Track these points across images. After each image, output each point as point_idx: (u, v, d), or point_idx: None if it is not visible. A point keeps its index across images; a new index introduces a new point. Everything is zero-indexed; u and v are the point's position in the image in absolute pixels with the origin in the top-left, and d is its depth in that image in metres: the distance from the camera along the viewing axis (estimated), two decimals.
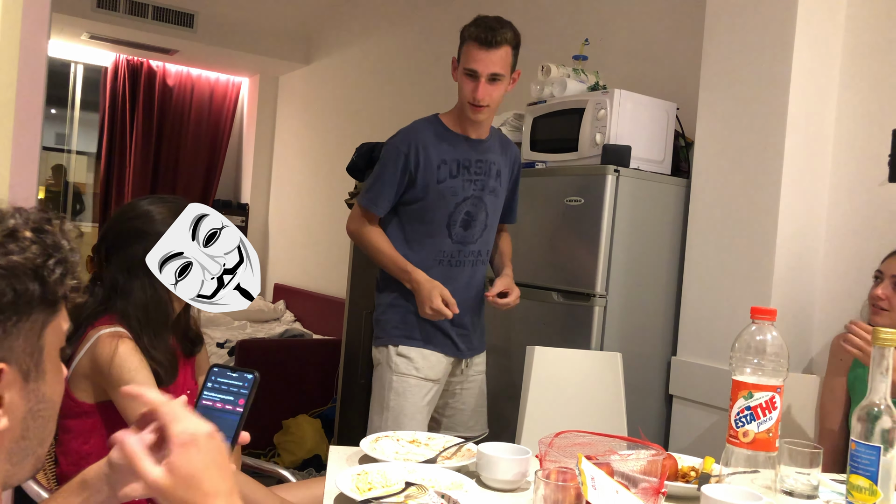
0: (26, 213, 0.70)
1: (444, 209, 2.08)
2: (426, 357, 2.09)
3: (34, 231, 0.69)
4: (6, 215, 0.68)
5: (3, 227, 0.67)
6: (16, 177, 1.58)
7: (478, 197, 2.12)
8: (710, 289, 2.32)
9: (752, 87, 2.24)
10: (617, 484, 1.12)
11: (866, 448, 1.25)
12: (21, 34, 1.54)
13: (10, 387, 0.65)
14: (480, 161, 2.12)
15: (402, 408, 2.05)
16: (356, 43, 5.33)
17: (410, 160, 2.05)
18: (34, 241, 0.68)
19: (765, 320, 1.37)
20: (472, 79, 1.99)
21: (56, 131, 6.33)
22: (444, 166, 2.07)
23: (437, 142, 2.08)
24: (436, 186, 2.06)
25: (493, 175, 2.15)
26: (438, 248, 2.10)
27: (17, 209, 0.70)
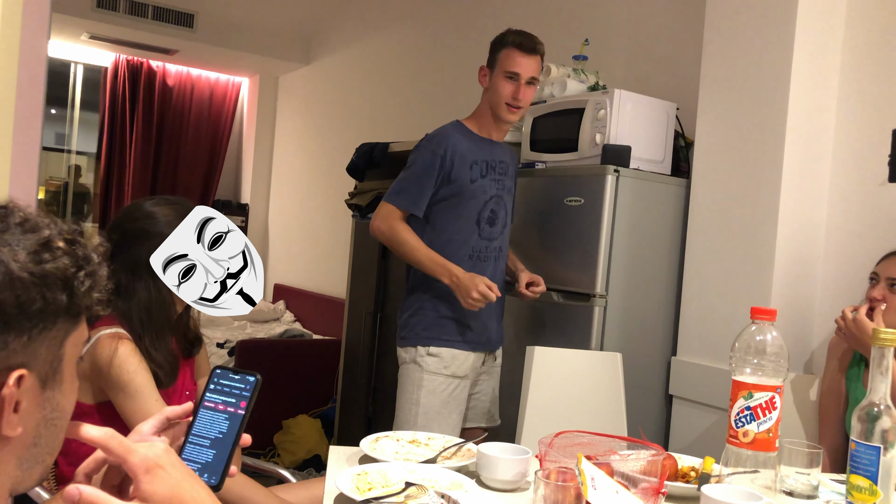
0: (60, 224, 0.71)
1: (476, 207, 2.21)
2: (455, 356, 2.19)
3: (67, 242, 0.70)
4: (41, 225, 0.69)
5: (38, 237, 0.67)
6: (16, 177, 1.58)
7: (499, 196, 2.27)
8: (710, 289, 2.32)
9: (752, 87, 2.24)
10: (617, 484, 1.12)
11: (866, 448, 1.25)
12: (21, 34, 1.54)
13: (28, 393, 0.65)
14: (502, 162, 2.29)
15: (431, 404, 2.15)
16: (356, 43, 5.32)
17: (447, 161, 2.17)
18: (66, 251, 0.69)
19: (765, 320, 1.37)
20: (512, 81, 2.17)
21: (56, 131, 6.33)
22: (475, 167, 2.21)
23: (468, 144, 2.22)
24: (469, 185, 2.19)
25: (510, 175, 2.33)
26: (468, 244, 2.21)
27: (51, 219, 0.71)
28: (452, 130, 2.25)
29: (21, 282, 0.64)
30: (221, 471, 0.89)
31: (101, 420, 1.43)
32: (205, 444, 0.91)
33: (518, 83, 2.17)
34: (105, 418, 1.42)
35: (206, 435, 0.91)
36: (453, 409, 2.19)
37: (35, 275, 0.65)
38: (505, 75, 2.18)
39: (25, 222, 0.68)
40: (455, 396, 2.19)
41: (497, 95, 2.19)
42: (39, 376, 0.67)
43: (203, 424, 0.92)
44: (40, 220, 0.70)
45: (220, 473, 0.89)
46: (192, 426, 0.92)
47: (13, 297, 0.63)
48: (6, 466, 0.66)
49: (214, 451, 0.90)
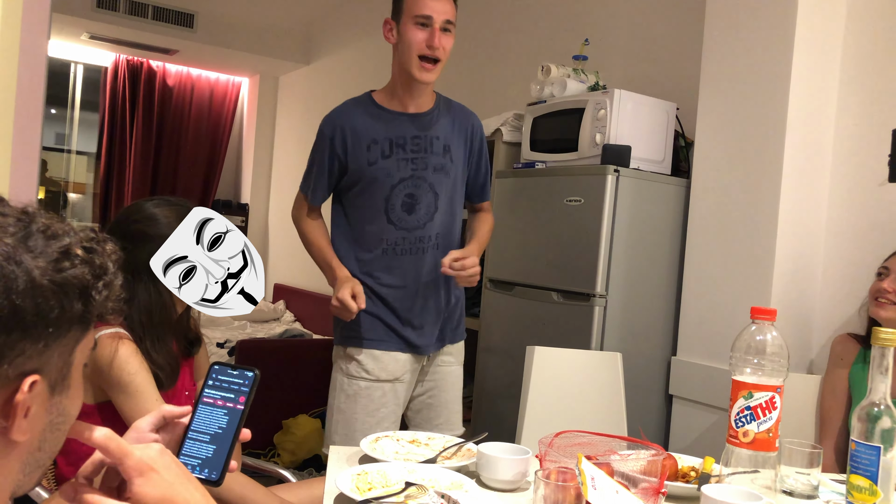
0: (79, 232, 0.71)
1: (380, 193, 1.94)
2: (376, 358, 1.95)
3: (85, 250, 0.70)
4: (61, 233, 0.69)
5: (58, 245, 0.67)
6: (16, 177, 1.58)
7: (419, 177, 1.95)
8: (710, 289, 2.32)
9: (752, 87, 2.24)
10: (617, 484, 1.12)
11: (866, 448, 1.25)
12: (21, 34, 1.54)
13: (38, 399, 0.65)
14: (418, 137, 1.96)
15: (353, 411, 1.94)
16: (356, 43, 5.32)
17: (336, 144, 1.95)
18: (85, 260, 0.69)
19: (765, 320, 1.37)
20: (423, 27, 1.87)
21: (56, 131, 6.33)
22: (374, 146, 1.93)
23: (367, 121, 1.95)
24: (367, 169, 1.93)
25: (438, 151, 1.98)
26: (379, 236, 1.96)
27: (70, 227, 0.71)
28: (351, 106, 1.99)
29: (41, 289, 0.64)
30: (222, 466, 0.90)
31: (101, 420, 1.43)
32: (204, 439, 0.92)
33: (431, 28, 1.85)
34: (106, 418, 1.42)
35: (205, 431, 0.92)
36: (383, 417, 1.94)
37: (55, 283, 0.66)
38: (414, 22, 1.87)
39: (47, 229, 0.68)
40: (384, 404, 1.94)
41: (407, 47, 1.88)
42: (49, 382, 0.68)
43: (202, 420, 0.93)
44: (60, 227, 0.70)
45: (220, 468, 0.90)
46: (192, 422, 0.93)
47: (33, 305, 0.64)
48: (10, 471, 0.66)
49: (214, 446, 0.91)
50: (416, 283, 1.99)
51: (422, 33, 1.87)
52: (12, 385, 0.63)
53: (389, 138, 1.95)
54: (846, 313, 2.19)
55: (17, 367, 0.63)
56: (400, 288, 1.98)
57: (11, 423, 0.63)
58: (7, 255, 0.62)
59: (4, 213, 0.65)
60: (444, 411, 2.08)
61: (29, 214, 0.68)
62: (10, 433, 0.64)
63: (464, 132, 2.06)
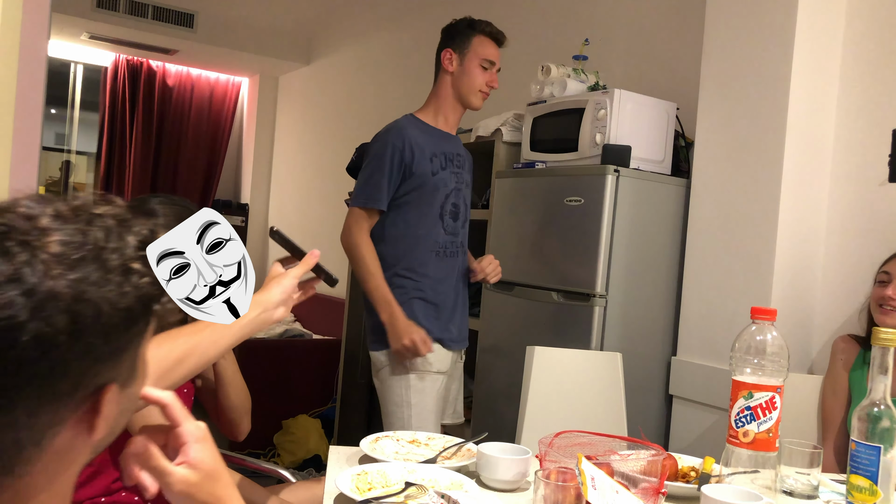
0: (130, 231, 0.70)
1: (437, 201, 2.18)
2: (437, 351, 2.16)
3: (142, 261, 0.69)
4: (120, 246, 0.67)
5: (120, 263, 0.66)
6: (16, 177, 1.58)
7: (458, 189, 2.25)
8: (710, 289, 2.32)
9: (752, 87, 2.24)
10: (617, 484, 1.12)
11: (866, 448, 1.25)
12: (21, 34, 1.54)
13: (112, 400, 0.67)
14: (459, 155, 2.28)
15: (424, 403, 2.11)
16: (356, 43, 5.33)
17: (405, 154, 2.13)
18: (145, 273, 0.68)
19: (765, 320, 1.37)
20: (486, 70, 2.22)
21: (56, 131, 6.33)
22: (435, 159, 2.18)
23: (425, 136, 2.19)
24: (431, 178, 2.16)
25: (467, 169, 2.32)
26: (434, 240, 2.18)
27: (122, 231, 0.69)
28: (408, 123, 2.22)
29: (110, 320, 0.64)
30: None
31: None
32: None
33: (492, 72, 2.23)
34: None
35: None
36: (443, 407, 2.19)
37: (121, 309, 0.65)
38: (480, 62, 2.21)
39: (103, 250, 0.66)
40: (442, 395, 2.18)
41: (471, 81, 2.22)
42: (121, 383, 0.69)
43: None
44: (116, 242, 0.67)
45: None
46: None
47: (103, 336, 0.64)
48: (82, 457, 0.69)
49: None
50: (456, 283, 2.25)
51: (486, 75, 2.23)
52: (91, 398, 0.65)
53: (444, 153, 2.22)
54: (846, 313, 2.19)
55: (92, 385, 0.65)
56: (447, 285, 2.22)
57: (92, 427, 0.66)
58: (75, 296, 0.60)
59: (72, 241, 0.62)
60: (453, 403, 2.33)
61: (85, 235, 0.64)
62: (91, 435, 0.66)
63: (468, 156, 2.37)
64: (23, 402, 0.59)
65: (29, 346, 0.58)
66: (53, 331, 0.59)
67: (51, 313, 0.58)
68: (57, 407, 0.62)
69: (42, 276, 0.59)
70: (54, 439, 0.63)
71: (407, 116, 2.26)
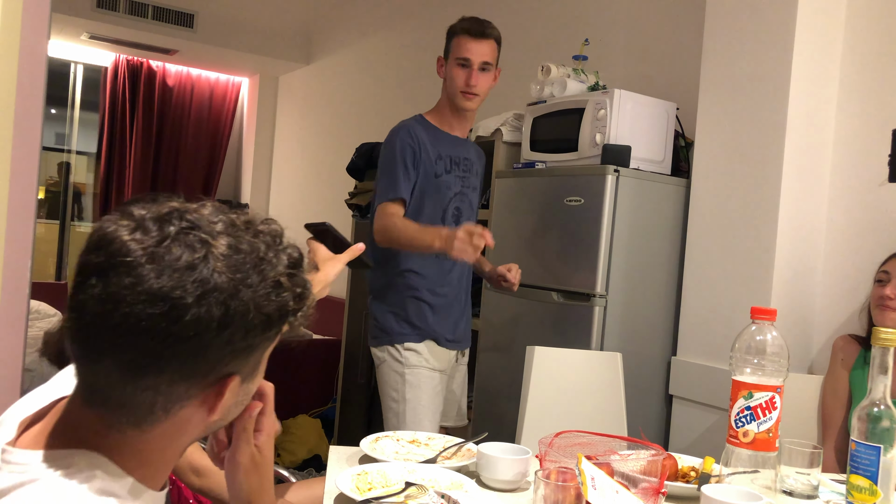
0: (283, 249, 0.79)
1: (440, 204, 2.18)
2: (432, 349, 2.17)
3: (289, 277, 0.78)
4: (275, 261, 0.76)
5: (273, 274, 0.75)
6: (16, 177, 1.58)
7: (464, 193, 2.24)
8: (710, 289, 2.32)
9: (752, 87, 2.24)
10: (617, 484, 1.12)
11: (866, 448, 1.25)
12: (21, 34, 1.54)
13: (232, 390, 0.76)
14: (467, 159, 2.26)
15: (418, 399, 2.11)
16: (356, 43, 5.33)
17: (417, 152, 2.14)
18: (289, 288, 0.77)
19: (765, 320, 1.37)
20: (464, 68, 2.14)
21: (56, 131, 6.33)
22: (440, 161, 2.17)
23: (431, 138, 2.19)
24: (434, 180, 2.15)
25: (474, 173, 2.29)
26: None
27: (278, 248, 0.79)
28: (416, 123, 2.21)
29: (252, 322, 0.73)
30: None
31: None
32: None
33: (470, 69, 2.14)
34: None
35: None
36: (439, 404, 2.17)
37: (264, 313, 0.74)
38: (457, 62, 2.16)
39: (262, 260, 0.75)
40: (439, 392, 2.17)
41: (451, 83, 2.17)
42: (243, 377, 0.78)
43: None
44: (273, 255, 0.77)
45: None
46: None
47: (243, 333, 0.73)
48: (196, 432, 0.79)
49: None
50: (458, 286, 2.26)
51: (463, 73, 2.15)
52: (218, 384, 0.75)
53: (450, 156, 2.21)
54: (846, 313, 2.19)
55: (222, 372, 0.74)
56: (448, 288, 2.21)
57: (212, 409, 0.76)
58: (232, 293, 0.71)
59: (239, 247, 0.73)
60: (456, 405, 2.34)
61: (250, 245, 0.74)
62: (210, 416, 0.76)
63: (481, 163, 2.36)
64: (168, 371, 0.70)
65: (188, 325, 0.68)
66: (209, 317, 0.69)
67: (211, 302, 0.69)
68: (192, 383, 0.73)
69: (212, 271, 0.70)
70: (181, 410, 0.74)
71: (416, 116, 2.25)
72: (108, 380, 0.70)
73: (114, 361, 0.69)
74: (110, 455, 0.73)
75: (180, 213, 0.73)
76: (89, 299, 0.69)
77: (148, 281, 0.67)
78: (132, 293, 0.67)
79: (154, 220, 0.71)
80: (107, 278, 0.68)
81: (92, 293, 0.68)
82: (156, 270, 0.68)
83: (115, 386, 0.70)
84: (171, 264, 0.68)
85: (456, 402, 2.34)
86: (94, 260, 0.69)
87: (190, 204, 0.75)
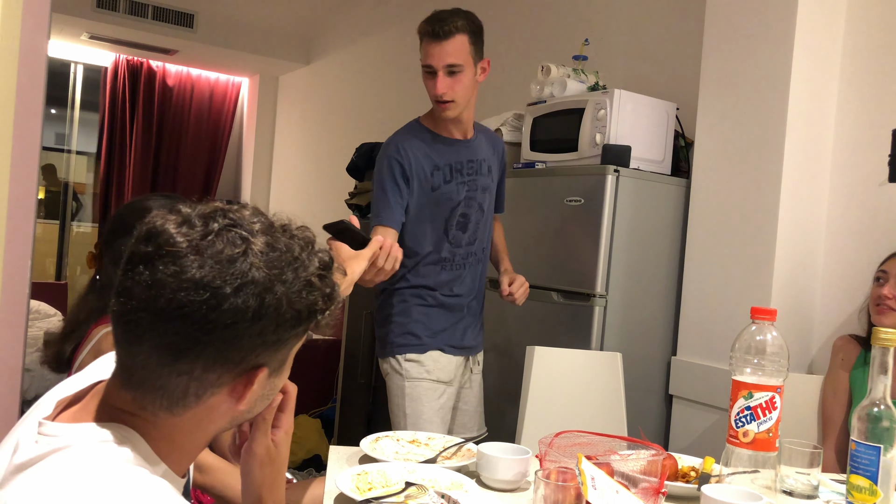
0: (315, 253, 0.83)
1: (441, 215, 2.05)
2: (436, 360, 2.07)
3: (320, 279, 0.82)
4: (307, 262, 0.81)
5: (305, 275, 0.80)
6: (16, 177, 1.57)
7: (471, 198, 2.09)
8: (710, 289, 2.32)
9: (752, 87, 2.24)
10: (617, 484, 1.12)
11: (866, 448, 1.25)
12: (21, 34, 1.54)
13: (260, 382, 0.80)
14: (472, 161, 2.09)
15: (419, 412, 2.02)
16: (356, 43, 5.32)
17: (406, 167, 2.00)
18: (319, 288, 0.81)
19: (765, 320, 1.37)
20: (431, 75, 1.95)
21: (56, 131, 6.33)
22: (437, 172, 2.03)
23: (426, 147, 2.03)
24: (432, 194, 2.02)
25: (485, 172, 2.13)
26: (439, 254, 2.07)
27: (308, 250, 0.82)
28: (410, 134, 2.06)
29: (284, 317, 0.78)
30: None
31: None
32: None
33: (436, 77, 1.94)
34: None
35: None
36: (443, 417, 2.06)
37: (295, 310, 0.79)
38: (424, 70, 1.97)
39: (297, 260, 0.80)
40: (443, 405, 2.06)
41: (428, 92, 2.00)
42: (271, 370, 0.82)
43: None
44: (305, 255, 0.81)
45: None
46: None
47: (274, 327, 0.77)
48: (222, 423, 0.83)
49: None
50: (470, 293, 2.15)
51: (430, 81, 1.97)
52: (248, 374, 0.79)
53: (449, 164, 2.05)
54: (846, 313, 2.19)
55: (252, 363, 0.79)
56: (455, 297, 2.11)
57: (241, 398, 0.80)
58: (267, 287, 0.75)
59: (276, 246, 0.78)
60: (475, 416, 2.23)
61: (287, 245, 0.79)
62: (237, 405, 0.80)
63: (497, 155, 2.22)
64: (203, 357, 0.75)
65: (225, 314, 0.73)
66: (245, 308, 0.74)
67: (248, 294, 0.74)
68: (224, 371, 0.77)
69: (250, 266, 0.75)
70: (211, 398, 0.78)
71: (412, 123, 2.11)
72: (146, 362, 0.75)
73: (154, 345, 0.74)
74: (142, 434, 0.78)
75: (224, 212, 0.78)
76: (136, 285, 0.74)
77: (191, 270, 0.73)
78: (176, 280, 0.72)
79: (199, 217, 0.77)
80: (154, 266, 0.73)
81: (139, 279, 0.74)
82: (199, 261, 0.73)
83: (153, 368, 0.75)
84: (214, 256, 0.74)
85: (473, 414, 2.23)
86: (143, 249, 0.75)
87: (232, 205, 0.81)
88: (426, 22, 1.94)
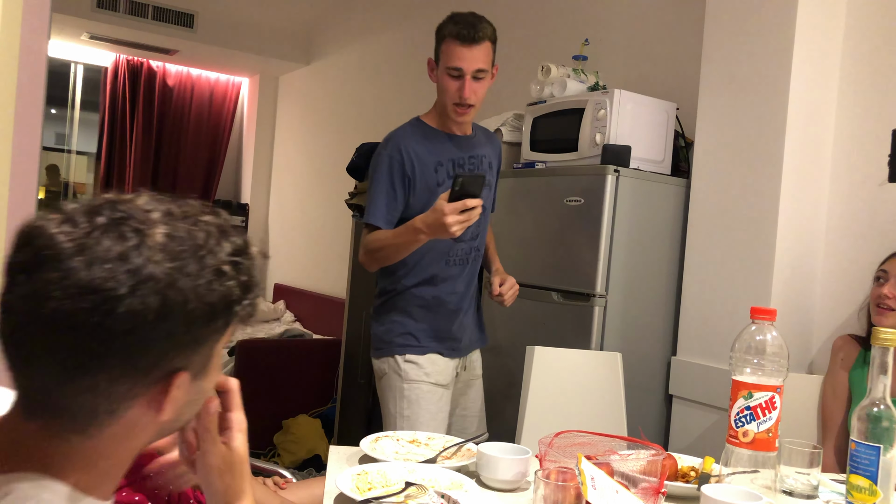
0: (228, 237, 0.75)
1: None
2: (434, 362, 2.05)
3: (233, 266, 0.74)
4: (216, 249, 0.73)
5: (213, 262, 0.72)
6: (16, 177, 1.58)
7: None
8: (710, 289, 2.32)
9: (752, 87, 2.24)
10: (617, 484, 1.12)
11: (866, 448, 1.25)
12: (21, 34, 1.54)
13: (181, 388, 0.73)
14: (473, 157, 2.10)
15: (417, 416, 1.99)
16: (356, 43, 5.33)
17: (406, 166, 1.99)
18: (233, 276, 0.74)
19: (765, 320, 1.37)
20: (456, 78, 1.96)
21: (56, 131, 6.33)
22: (440, 168, 2.03)
23: (428, 144, 2.03)
24: (436, 189, 2.01)
25: (485, 168, 2.13)
26: (442, 251, 2.06)
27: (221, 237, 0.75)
28: (410, 131, 2.05)
29: (194, 312, 0.70)
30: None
31: None
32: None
33: (462, 80, 1.94)
34: None
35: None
36: (441, 420, 2.04)
37: (206, 303, 0.71)
38: (447, 72, 1.96)
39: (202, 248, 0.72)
40: (440, 409, 2.03)
41: (443, 94, 1.99)
42: (192, 374, 0.74)
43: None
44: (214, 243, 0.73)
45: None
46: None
47: (185, 325, 0.70)
48: (147, 434, 0.75)
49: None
50: (467, 290, 2.13)
51: (454, 84, 1.96)
52: (164, 381, 0.71)
53: (452, 159, 2.05)
54: (846, 313, 2.19)
55: (167, 368, 0.71)
56: (454, 295, 2.09)
57: (160, 408, 0.72)
58: (169, 282, 0.67)
59: (175, 235, 0.70)
60: (475, 420, 2.22)
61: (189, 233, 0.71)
62: (159, 415, 0.72)
63: (496, 152, 2.21)
64: (106, 369, 0.67)
65: (122, 317, 0.65)
66: (145, 308, 0.65)
67: (146, 293, 0.66)
68: (134, 381, 0.69)
69: (146, 261, 0.66)
70: (127, 412, 0.70)
71: (412, 121, 2.10)
72: (44, 384, 0.67)
73: (47, 363, 0.66)
74: (55, 472, 0.68)
75: (112, 203, 0.70)
76: (16, 299, 0.65)
77: (77, 273, 0.64)
78: (60, 287, 0.64)
79: (84, 212, 0.68)
80: (33, 274, 0.65)
81: (19, 292, 0.65)
82: (85, 262, 0.64)
83: (52, 390, 0.67)
84: (102, 255, 0.65)
85: (473, 418, 2.21)
86: (21, 258, 0.66)
87: (124, 195, 0.74)
88: (454, 24, 1.95)
